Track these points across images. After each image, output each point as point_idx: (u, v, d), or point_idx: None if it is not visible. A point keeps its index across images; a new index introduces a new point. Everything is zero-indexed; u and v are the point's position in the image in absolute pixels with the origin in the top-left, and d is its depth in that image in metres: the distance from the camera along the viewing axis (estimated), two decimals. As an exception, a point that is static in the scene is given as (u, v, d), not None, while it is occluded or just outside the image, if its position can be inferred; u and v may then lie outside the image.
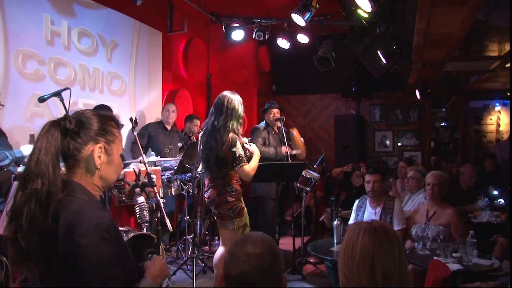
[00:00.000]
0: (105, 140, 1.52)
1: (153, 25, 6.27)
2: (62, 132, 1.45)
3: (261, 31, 6.78)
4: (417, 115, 8.62)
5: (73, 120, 1.48)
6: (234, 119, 3.42)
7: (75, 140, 1.47)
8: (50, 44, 4.55)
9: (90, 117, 1.52)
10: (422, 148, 8.61)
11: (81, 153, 1.48)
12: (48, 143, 1.40)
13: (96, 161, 1.49)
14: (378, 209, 3.98)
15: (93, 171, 1.50)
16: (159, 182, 4.20)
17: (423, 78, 6.78)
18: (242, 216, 3.44)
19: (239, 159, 3.36)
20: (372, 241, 1.43)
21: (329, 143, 8.71)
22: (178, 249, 5.13)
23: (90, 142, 1.49)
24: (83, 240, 1.32)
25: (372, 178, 3.99)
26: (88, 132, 1.49)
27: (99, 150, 1.50)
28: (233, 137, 3.37)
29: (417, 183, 4.56)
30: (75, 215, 1.37)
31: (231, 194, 3.41)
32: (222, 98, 3.49)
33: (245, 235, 1.65)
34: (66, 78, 4.73)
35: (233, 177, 3.46)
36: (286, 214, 6.52)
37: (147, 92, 6.13)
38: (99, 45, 5.22)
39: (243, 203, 3.49)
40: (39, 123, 4.34)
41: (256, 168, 3.52)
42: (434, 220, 3.64)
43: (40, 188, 1.35)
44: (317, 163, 5.46)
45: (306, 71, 8.33)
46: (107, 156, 1.53)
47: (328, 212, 5.36)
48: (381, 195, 4.02)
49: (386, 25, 4.94)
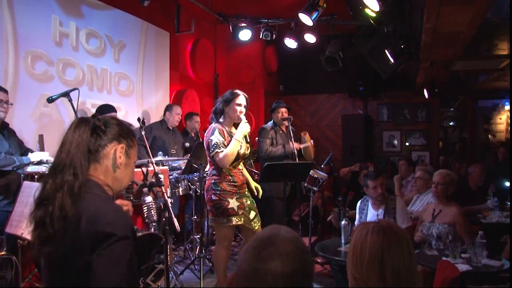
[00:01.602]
0: (126, 143, 1.57)
1: (161, 25, 6.30)
2: (90, 129, 1.50)
3: (268, 31, 6.77)
4: (425, 115, 8.55)
5: (101, 119, 1.54)
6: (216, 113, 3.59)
7: (101, 137, 1.51)
8: (59, 45, 4.58)
9: (116, 120, 1.58)
10: (430, 148, 8.54)
11: (104, 149, 1.52)
12: (79, 137, 1.46)
13: (117, 159, 1.53)
14: (380, 210, 3.96)
15: (113, 169, 1.53)
16: (166, 182, 4.21)
17: (431, 78, 6.74)
18: (229, 216, 3.46)
19: (213, 146, 3.43)
20: (381, 241, 1.41)
21: (336, 143, 8.68)
22: (185, 249, 5.13)
23: (114, 141, 1.53)
24: (108, 229, 1.34)
25: (378, 182, 3.92)
26: (114, 132, 1.54)
27: (121, 149, 1.55)
28: (214, 127, 3.48)
29: (425, 183, 4.53)
30: (97, 208, 1.39)
31: (215, 193, 3.48)
32: None
33: (269, 236, 1.24)
34: (74, 78, 4.76)
35: (221, 173, 3.50)
36: (293, 214, 6.48)
37: (154, 92, 6.15)
38: (107, 45, 5.25)
39: (233, 203, 3.49)
40: (47, 123, 4.41)
41: (232, 152, 3.44)
42: (439, 218, 3.62)
43: (72, 179, 1.40)
44: (325, 163, 5.42)
45: (313, 71, 8.30)
46: (126, 158, 1.57)
47: (336, 212, 5.30)
48: (381, 196, 3.98)
49: (394, 24, 4.92)
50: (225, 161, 3.44)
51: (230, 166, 3.52)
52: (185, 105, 6.60)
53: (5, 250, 3.06)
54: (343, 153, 8.34)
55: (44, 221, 1.39)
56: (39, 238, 1.40)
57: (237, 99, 3.56)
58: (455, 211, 3.63)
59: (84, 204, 1.40)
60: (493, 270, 3.01)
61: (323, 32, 6.77)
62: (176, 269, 4.54)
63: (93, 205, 1.40)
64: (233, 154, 3.46)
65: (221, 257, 3.68)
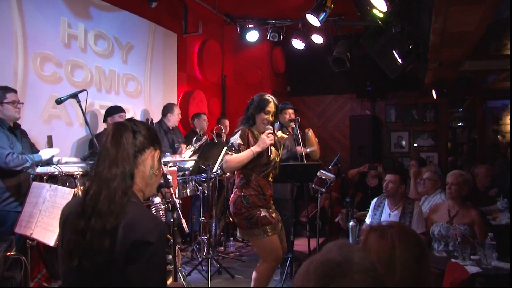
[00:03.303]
0: (159, 150, 1.58)
1: (168, 27, 6.31)
2: (132, 134, 1.50)
3: (275, 32, 6.76)
4: (433, 115, 8.50)
5: (139, 124, 1.54)
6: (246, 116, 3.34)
7: (140, 141, 1.51)
8: (67, 46, 4.61)
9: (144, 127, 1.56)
10: (438, 148, 8.48)
11: (143, 155, 1.51)
12: (126, 142, 1.46)
13: (156, 164, 1.54)
14: (396, 211, 3.95)
15: (150, 175, 1.53)
16: (175, 183, 4.21)
17: (440, 78, 6.69)
18: (265, 226, 3.13)
19: (228, 147, 3.24)
20: (391, 242, 1.40)
21: (344, 144, 8.66)
22: (193, 250, 5.13)
23: (151, 147, 1.54)
24: (146, 238, 1.33)
25: (388, 178, 4.00)
26: (151, 139, 1.54)
27: (157, 155, 1.56)
28: (240, 129, 3.26)
29: (434, 184, 4.48)
30: (135, 216, 1.38)
31: (244, 205, 3.17)
32: None
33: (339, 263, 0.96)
34: (83, 80, 4.78)
35: (251, 184, 3.20)
36: (301, 215, 6.50)
37: (162, 94, 6.16)
38: (115, 47, 5.28)
39: (265, 212, 3.18)
40: (56, 124, 4.43)
41: (240, 161, 3.14)
42: (457, 219, 3.59)
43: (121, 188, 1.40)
44: (332, 164, 5.34)
45: (321, 72, 8.27)
46: (159, 165, 1.57)
47: (343, 213, 5.30)
48: (400, 197, 3.99)
49: (402, 25, 4.90)
50: (228, 166, 3.19)
51: (259, 176, 3.23)
52: (193, 106, 6.62)
53: (14, 250, 3.08)
54: (351, 154, 8.32)
55: (84, 233, 1.37)
56: (76, 248, 1.37)
57: (268, 106, 3.25)
58: (473, 212, 3.61)
59: (123, 214, 1.38)
60: (503, 272, 2.98)
61: (330, 32, 6.75)
62: (184, 270, 4.54)
63: (131, 213, 1.39)
64: (240, 162, 3.15)
65: (265, 278, 3.24)
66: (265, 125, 3.26)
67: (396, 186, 3.95)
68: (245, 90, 6.88)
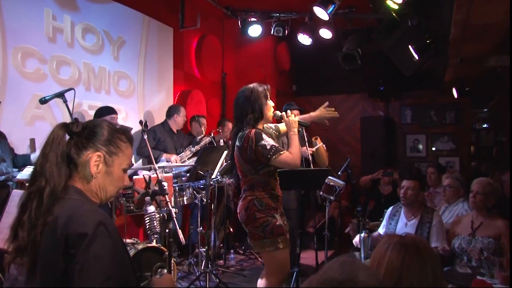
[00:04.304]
0: (106, 150, 1.61)
1: (164, 20, 6.30)
2: (68, 134, 1.58)
3: (280, 26, 6.73)
4: (454, 116, 8.44)
5: (80, 124, 1.60)
6: (249, 112, 3.19)
7: (77, 144, 1.58)
8: (52, 41, 4.57)
9: (100, 126, 1.63)
10: (460, 153, 8.42)
11: (80, 158, 1.58)
12: (54, 142, 1.54)
13: (92, 168, 1.59)
14: (413, 220, 3.90)
15: (89, 178, 1.59)
16: (171, 190, 4.19)
17: (461, 75, 6.63)
18: (280, 236, 3.05)
19: (273, 149, 3.03)
20: (402, 258, 1.41)
21: (354, 148, 8.64)
22: (190, 263, 5.08)
23: (90, 149, 1.59)
24: (82, 229, 1.41)
25: (406, 184, 3.94)
26: (91, 139, 1.60)
27: (97, 158, 1.59)
28: (255, 132, 3.09)
29: (455, 192, 4.41)
30: (71, 210, 1.47)
31: (260, 209, 3.06)
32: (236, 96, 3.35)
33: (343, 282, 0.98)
34: (70, 77, 4.75)
35: (265, 188, 3.12)
36: (308, 226, 6.51)
37: (157, 93, 6.15)
38: (105, 42, 5.25)
39: (280, 219, 3.11)
40: (40, 126, 4.39)
41: (298, 149, 3.13)
42: (480, 232, 3.50)
43: (44, 186, 1.49)
44: (342, 170, 5.34)
45: (329, 70, 8.23)
46: (105, 167, 1.61)
47: (354, 224, 5.20)
48: (418, 205, 3.94)
49: (419, 17, 4.88)
50: (297, 159, 3.09)
51: (271, 178, 3.17)
52: (190, 107, 6.62)
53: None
54: (362, 159, 8.29)
55: (16, 231, 1.49)
56: (15, 251, 1.49)
57: (268, 93, 3.26)
58: (500, 223, 3.52)
59: (60, 212, 1.47)
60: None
61: (340, 27, 6.74)
62: (180, 285, 4.51)
63: (68, 210, 1.47)
64: (299, 148, 3.18)
65: None
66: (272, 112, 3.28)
67: (415, 193, 3.90)
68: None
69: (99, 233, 1.42)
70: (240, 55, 8.08)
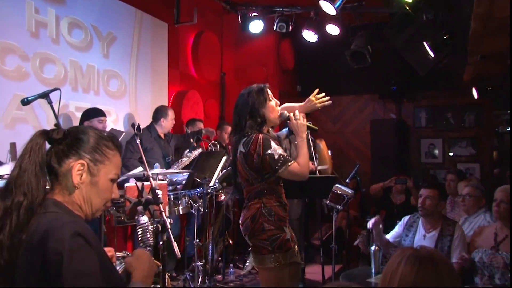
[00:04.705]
0: (90, 158, 1.58)
1: (157, 15, 6.30)
2: (48, 142, 1.55)
3: (283, 22, 6.72)
4: (474, 119, 8.40)
5: (61, 131, 1.57)
6: (247, 118, 3.08)
7: (58, 152, 1.55)
8: (35, 36, 4.54)
9: (83, 132, 1.61)
10: (480, 158, 8.38)
11: (62, 167, 1.55)
12: (32, 151, 1.51)
13: (74, 178, 1.55)
14: (433, 233, 3.86)
15: (72, 189, 1.56)
16: (165, 199, 4.15)
17: (482, 74, 6.62)
18: (287, 251, 2.97)
19: (280, 160, 2.95)
20: (415, 272, 1.40)
21: (364, 154, 8.62)
22: (185, 279, 5.02)
23: (73, 157, 1.55)
24: (58, 246, 1.37)
25: (425, 193, 3.88)
26: (74, 146, 1.57)
27: (80, 167, 1.55)
28: (263, 138, 2.99)
29: (476, 201, 4.35)
30: (48, 224, 1.43)
31: (269, 220, 2.96)
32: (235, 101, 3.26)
33: None
34: (55, 76, 4.74)
35: (273, 195, 3.05)
36: (313, 238, 6.48)
37: (150, 94, 6.14)
38: (93, 38, 5.24)
39: (289, 233, 3.04)
40: (21, 129, 4.37)
41: (307, 159, 3.07)
42: (505, 245, 3.43)
43: (22, 200, 1.45)
44: (350, 177, 5.39)
45: (337, 69, 8.24)
46: (90, 176, 1.58)
47: (364, 236, 5.20)
48: (437, 216, 3.90)
49: (435, 11, 4.88)
50: (306, 170, 3.04)
51: (278, 186, 3.11)
52: (187, 109, 6.64)
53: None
54: (372, 166, 8.26)
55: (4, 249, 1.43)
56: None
57: (266, 92, 3.15)
58: None
59: (37, 227, 1.43)
60: None
61: (348, 22, 6.74)
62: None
63: (44, 224, 1.43)
64: (308, 157, 3.12)
65: None
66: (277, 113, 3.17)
67: (435, 203, 3.85)
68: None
69: (77, 245, 1.38)
70: (240, 53, 8.09)
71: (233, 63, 8.06)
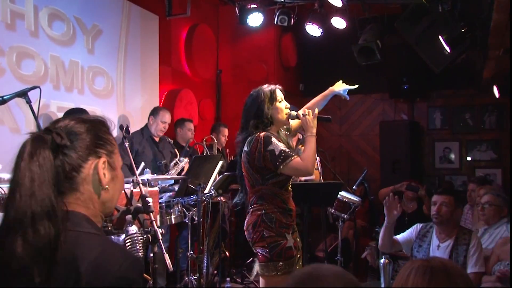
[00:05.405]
0: (106, 152, 1.50)
1: (147, 7, 6.30)
2: (52, 151, 1.38)
3: (285, 15, 6.71)
4: (495, 120, 8.35)
5: (62, 133, 1.42)
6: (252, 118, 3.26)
7: (72, 158, 1.42)
8: (11, 28, 4.50)
9: (78, 125, 1.48)
10: (502, 164, 8.30)
11: (82, 173, 1.44)
12: (40, 168, 1.33)
13: (102, 180, 1.47)
14: (448, 242, 3.86)
15: (99, 193, 1.48)
16: (156, 207, 4.15)
17: (504, 70, 6.59)
18: (287, 260, 3.07)
19: (281, 155, 3.07)
20: (427, 283, 1.39)
21: (372, 158, 8.66)
22: (178, 294, 5.08)
23: (91, 157, 1.46)
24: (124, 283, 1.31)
25: (440, 199, 3.89)
26: (85, 143, 1.46)
27: (103, 165, 1.48)
28: (265, 135, 3.14)
29: (497, 211, 4.32)
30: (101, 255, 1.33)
31: (270, 227, 3.10)
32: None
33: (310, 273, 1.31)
34: (34, 73, 4.71)
35: (274, 201, 3.17)
36: (317, 249, 6.55)
37: (140, 93, 6.14)
38: (76, 31, 5.21)
39: (291, 241, 3.14)
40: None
41: (313, 154, 3.19)
42: None
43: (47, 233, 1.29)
44: (358, 184, 5.40)
45: (343, 65, 8.10)
46: (111, 172, 1.51)
47: (373, 247, 5.33)
48: (453, 224, 3.91)
49: (452, 1, 4.87)
50: (310, 165, 3.15)
51: (283, 190, 3.21)
52: (180, 109, 6.64)
53: None
54: (381, 171, 8.29)
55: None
56: None
57: (276, 93, 3.29)
58: None
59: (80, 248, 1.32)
60: None
61: (356, 14, 6.74)
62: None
63: (95, 250, 1.33)
64: (315, 154, 3.25)
65: None
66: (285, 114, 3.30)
67: (450, 210, 3.86)
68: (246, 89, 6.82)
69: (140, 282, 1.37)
70: (237, 48, 8.11)
71: (230, 60, 8.08)
